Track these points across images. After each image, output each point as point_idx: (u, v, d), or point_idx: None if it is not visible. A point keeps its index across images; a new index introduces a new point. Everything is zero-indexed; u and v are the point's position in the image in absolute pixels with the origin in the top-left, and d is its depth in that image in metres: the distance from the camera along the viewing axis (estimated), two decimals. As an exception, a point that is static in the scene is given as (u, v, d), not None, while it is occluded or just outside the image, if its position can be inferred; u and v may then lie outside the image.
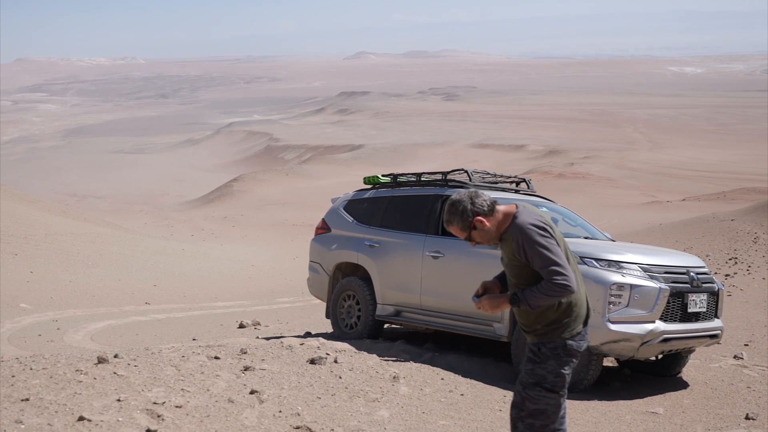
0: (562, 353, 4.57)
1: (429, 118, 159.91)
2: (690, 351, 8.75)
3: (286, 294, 21.14)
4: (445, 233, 9.46)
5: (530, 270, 4.53)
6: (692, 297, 8.07)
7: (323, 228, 10.95)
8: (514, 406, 4.62)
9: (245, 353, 7.70)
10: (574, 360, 4.62)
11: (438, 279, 9.17)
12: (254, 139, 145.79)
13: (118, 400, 5.85)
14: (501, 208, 4.64)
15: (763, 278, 18.04)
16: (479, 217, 4.57)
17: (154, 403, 5.91)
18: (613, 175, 73.86)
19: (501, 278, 4.88)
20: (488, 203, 4.61)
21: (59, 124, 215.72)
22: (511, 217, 4.57)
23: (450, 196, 9.58)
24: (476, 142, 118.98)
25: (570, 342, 4.58)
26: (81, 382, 6.18)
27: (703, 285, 8.28)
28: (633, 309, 7.72)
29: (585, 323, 4.70)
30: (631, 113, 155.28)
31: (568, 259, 4.59)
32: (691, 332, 8.09)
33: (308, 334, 11.13)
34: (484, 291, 4.72)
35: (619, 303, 7.71)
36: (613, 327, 7.67)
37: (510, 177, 10.69)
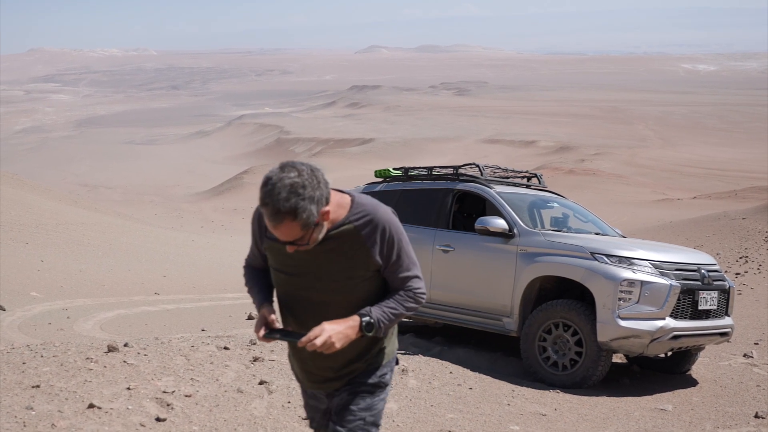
0: (394, 367, 3.47)
1: (440, 113, 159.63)
2: (700, 348, 8.73)
3: (295, 286, 21.12)
4: (456, 227, 9.44)
5: (371, 281, 3.23)
6: (703, 294, 8.04)
7: (333, 220, 10.93)
8: None
9: (254, 344, 7.72)
10: None
11: (448, 273, 9.15)
12: (265, 131, 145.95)
13: (128, 389, 5.88)
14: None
15: (774, 277, 17.94)
16: (327, 207, 3.04)
17: (164, 392, 5.93)
18: (623, 172, 73.55)
19: (271, 300, 3.35)
20: (329, 184, 3.07)
21: (71, 114, 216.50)
22: (349, 207, 3.17)
23: (456, 189, 9.52)
24: (487, 137, 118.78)
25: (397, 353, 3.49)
26: (91, 370, 6.21)
27: (714, 282, 8.25)
28: (643, 305, 7.70)
29: None
30: (642, 110, 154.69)
31: None
32: (701, 330, 8.06)
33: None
34: (268, 326, 3.20)
35: (630, 299, 7.69)
36: (623, 323, 7.65)
37: (521, 172, 10.66)
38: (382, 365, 3.34)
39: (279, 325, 3.24)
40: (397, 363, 3.44)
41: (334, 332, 3.07)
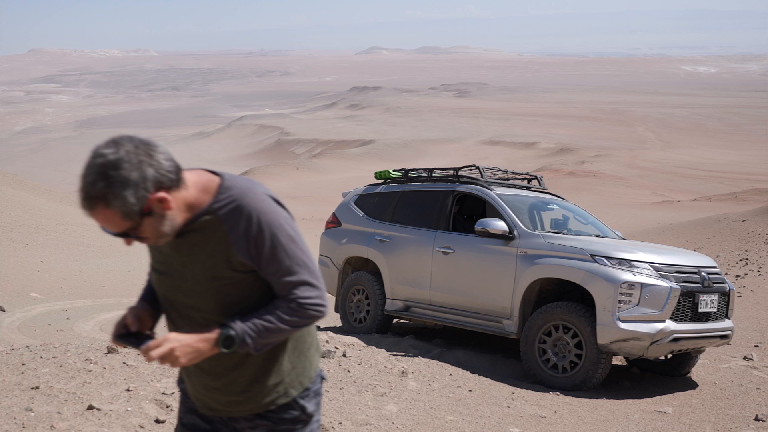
0: (320, 392, 2.81)
1: (440, 115, 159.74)
2: (700, 351, 8.71)
3: (295, 288, 21.10)
4: (456, 229, 9.44)
5: (245, 285, 2.60)
6: (703, 297, 8.03)
7: (333, 222, 10.95)
8: None
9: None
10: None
11: (448, 275, 9.15)
12: (265, 132, 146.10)
13: (128, 390, 5.87)
14: (189, 176, 2.59)
15: (774, 280, 17.93)
16: (163, 194, 2.44)
17: (163, 393, 5.92)
18: (624, 174, 73.62)
19: (150, 301, 2.85)
20: (175, 166, 2.49)
21: (71, 115, 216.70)
22: (215, 192, 2.57)
23: (456, 191, 9.53)
24: (487, 139, 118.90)
25: (322, 373, 2.84)
26: (90, 371, 6.20)
27: (714, 285, 8.23)
28: (643, 308, 7.69)
29: None
30: (643, 112, 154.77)
31: None
32: (702, 332, 8.05)
33: (317, 328, 11.14)
34: (125, 327, 2.66)
35: (630, 302, 7.68)
36: (623, 325, 7.63)
37: (522, 174, 10.66)
38: (303, 391, 2.72)
39: (144, 329, 2.71)
40: (323, 380, 2.82)
41: (180, 344, 2.47)
